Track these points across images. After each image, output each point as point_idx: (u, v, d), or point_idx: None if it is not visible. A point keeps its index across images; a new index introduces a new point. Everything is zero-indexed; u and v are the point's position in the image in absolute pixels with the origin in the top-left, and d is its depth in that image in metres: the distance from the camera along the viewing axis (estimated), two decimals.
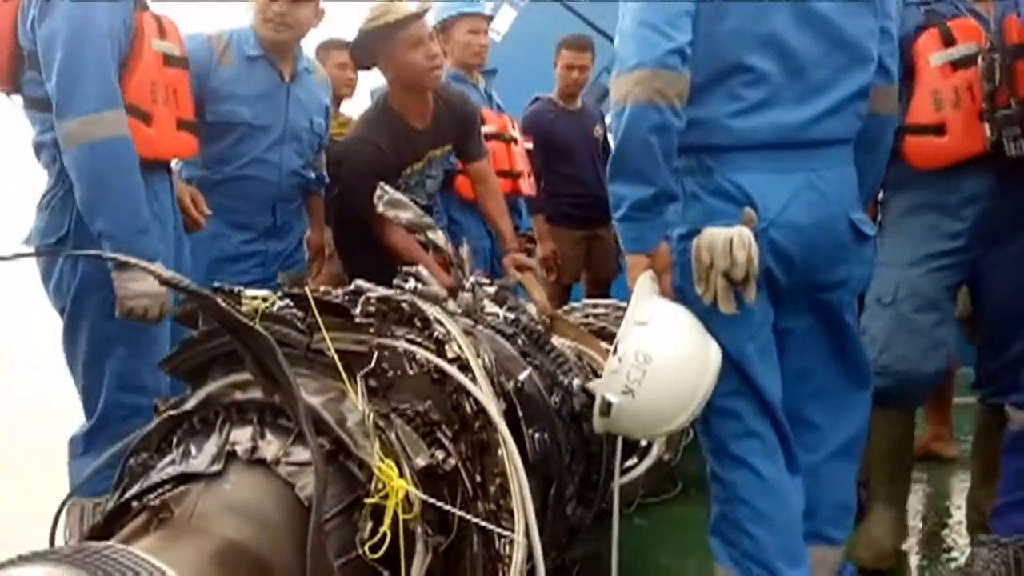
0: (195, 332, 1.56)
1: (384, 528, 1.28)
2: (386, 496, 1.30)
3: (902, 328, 2.29)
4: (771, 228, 1.67)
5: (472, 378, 1.63)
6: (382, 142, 2.80)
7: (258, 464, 1.34)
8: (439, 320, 1.77)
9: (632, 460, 2.63)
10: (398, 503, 1.30)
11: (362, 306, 1.72)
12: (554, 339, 2.37)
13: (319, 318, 1.52)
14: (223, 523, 1.26)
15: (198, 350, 1.55)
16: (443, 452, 1.50)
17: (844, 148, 1.78)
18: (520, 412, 1.81)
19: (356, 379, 1.51)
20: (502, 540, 1.49)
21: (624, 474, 2.43)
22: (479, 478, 1.55)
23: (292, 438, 1.37)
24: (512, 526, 1.49)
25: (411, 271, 2.01)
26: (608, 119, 5.20)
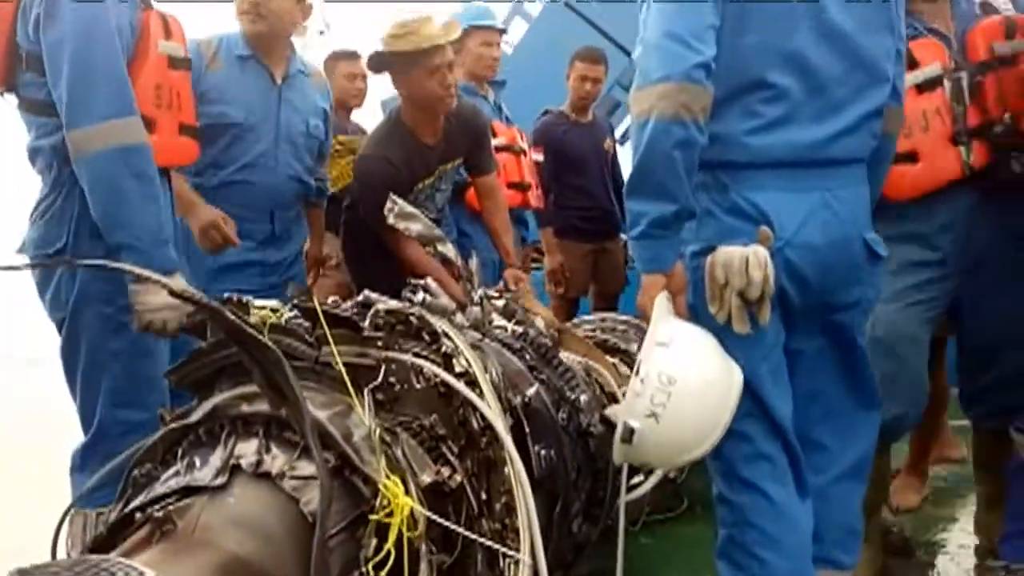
0: (203, 343, 1.55)
1: (388, 545, 1.27)
2: (391, 513, 1.29)
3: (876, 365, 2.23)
4: (787, 248, 1.65)
5: (479, 393, 1.62)
6: (395, 158, 2.81)
7: (263, 478, 1.33)
8: (447, 334, 1.76)
9: (638, 477, 2.61)
10: (403, 520, 1.28)
11: (371, 319, 1.71)
12: (562, 353, 2.36)
13: (327, 331, 1.52)
14: (226, 537, 1.25)
15: (205, 361, 1.54)
16: (449, 468, 1.49)
17: (859, 167, 1.76)
18: (527, 428, 1.80)
19: (363, 393, 1.50)
20: (507, 560, 1.47)
21: (630, 491, 2.41)
22: (485, 495, 1.54)
23: (298, 452, 1.36)
24: (517, 545, 1.47)
25: (420, 283, 2.00)
26: (618, 132, 5.23)
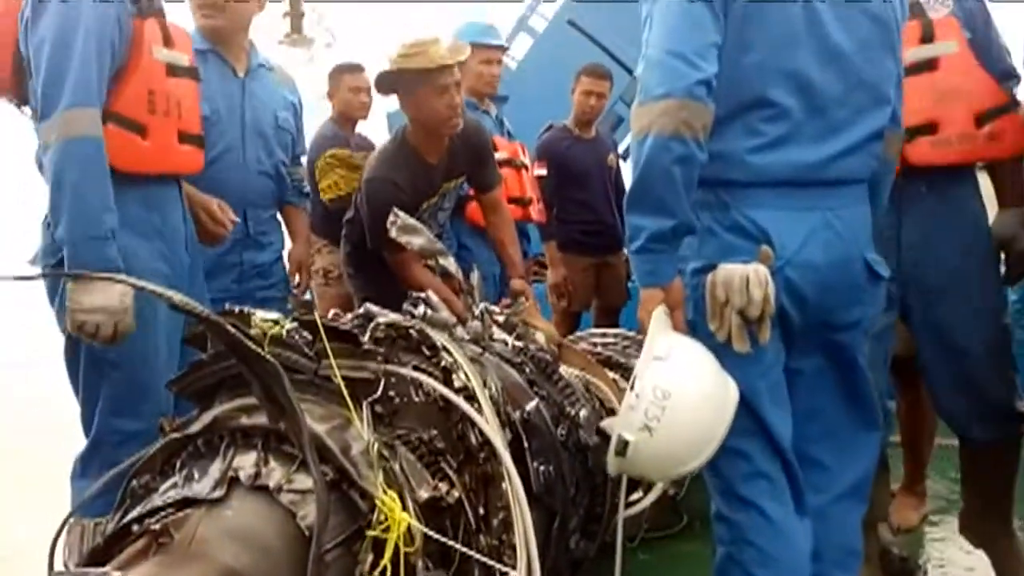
0: (204, 355, 1.56)
1: (385, 561, 1.27)
2: (388, 528, 1.28)
3: None
4: (787, 267, 1.65)
5: (478, 408, 1.62)
6: (401, 181, 2.83)
7: (260, 491, 1.33)
8: (447, 348, 1.76)
9: (637, 493, 2.60)
10: (400, 536, 1.28)
11: (371, 332, 1.72)
12: (562, 368, 2.36)
13: (327, 344, 1.52)
14: (223, 550, 1.25)
15: (206, 372, 1.55)
16: (447, 483, 1.49)
17: (860, 187, 1.76)
18: (526, 443, 1.80)
19: (362, 406, 1.51)
20: None
21: (629, 507, 2.40)
22: (482, 511, 1.54)
23: (296, 465, 1.36)
24: (514, 562, 1.47)
25: (421, 296, 2.01)
26: (621, 148, 5.25)
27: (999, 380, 2.21)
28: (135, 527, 1.32)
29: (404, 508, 1.34)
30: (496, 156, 3.40)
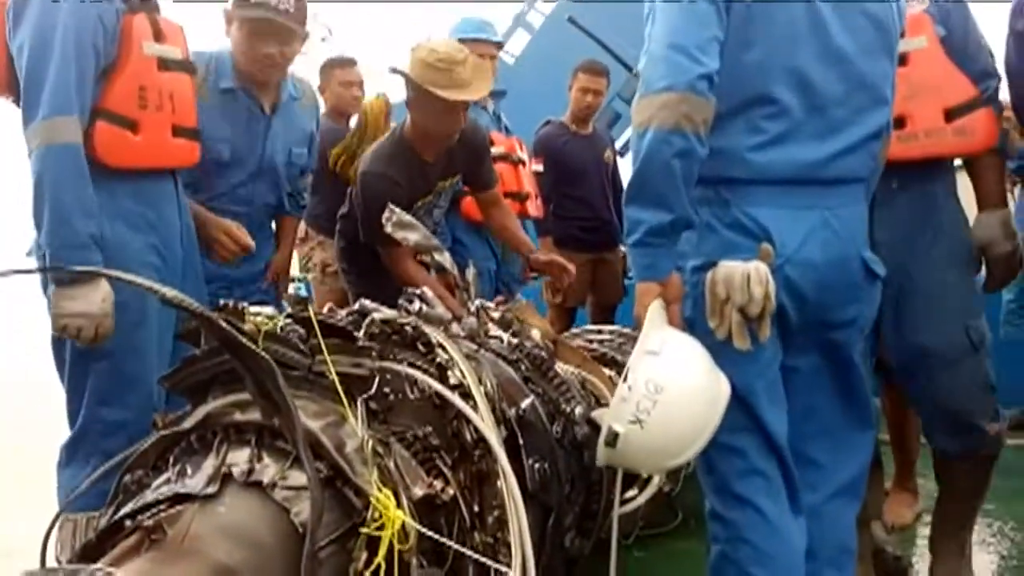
0: (197, 350, 1.55)
1: (379, 559, 1.26)
2: (382, 526, 1.28)
3: None
4: (787, 265, 1.65)
5: (473, 405, 1.61)
6: (397, 176, 2.83)
7: (254, 487, 1.32)
8: (442, 344, 1.75)
9: (632, 491, 2.60)
10: (394, 534, 1.28)
11: (366, 328, 1.71)
12: (557, 365, 2.35)
13: (321, 340, 1.51)
14: (216, 546, 1.24)
15: (199, 367, 1.54)
16: (442, 481, 1.49)
17: (858, 187, 1.77)
18: (521, 440, 1.79)
19: (357, 403, 1.50)
20: (498, 574, 1.46)
21: (624, 505, 2.40)
22: (477, 508, 1.53)
23: (290, 461, 1.35)
24: (509, 560, 1.47)
25: (416, 292, 2.00)
26: (618, 144, 5.25)
27: (966, 391, 2.14)
28: (128, 523, 1.31)
29: (399, 505, 1.33)
30: (493, 151, 3.39)
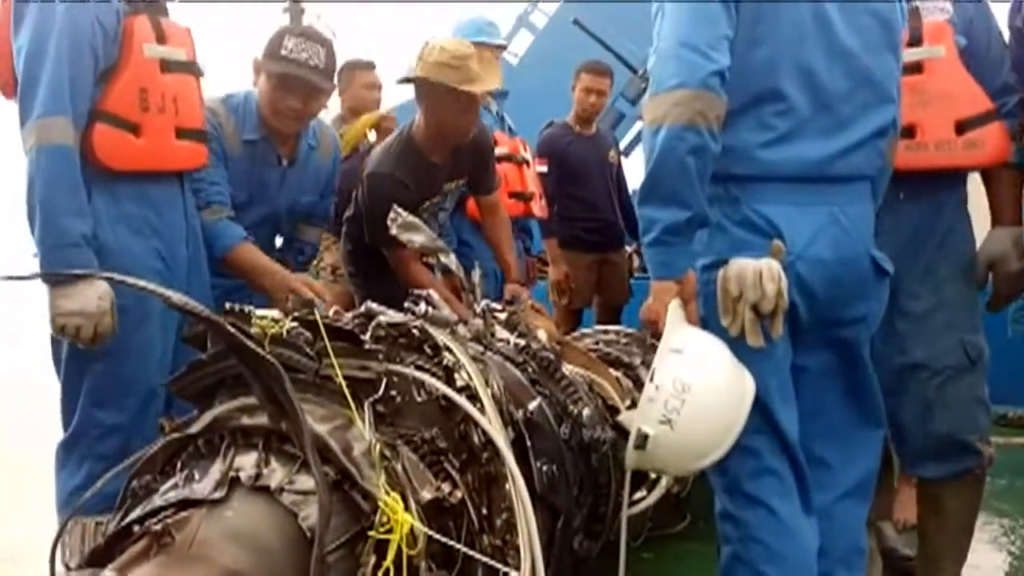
0: (203, 354, 1.55)
1: (387, 563, 1.26)
2: (390, 530, 1.27)
3: None
4: (798, 262, 1.65)
5: (480, 408, 1.61)
6: (405, 176, 2.82)
7: (262, 491, 1.32)
8: (448, 347, 1.75)
9: (641, 492, 2.59)
10: (402, 537, 1.27)
11: (372, 331, 1.71)
12: (564, 366, 2.34)
13: (328, 344, 1.51)
14: (223, 552, 1.24)
15: (206, 371, 1.53)
16: (450, 484, 1.48)
17: (865, 184, 1.76)
18: (529, 442, 1.78)
19: (364, 406, 1.49)
20: None
21: (632, 506, 2.39)
22: (485, 511, 1.52)
23: (297, 466, 1.35)
24: (518, 562, 1.46)
25: (422, 294, 1.99)
26: (622, 144, 5.24)
27: (961, 407, 2.10)
28: (136, 528, 1.31)
29: (407, 509, 1.33)
30: (497, 151, 3.39)
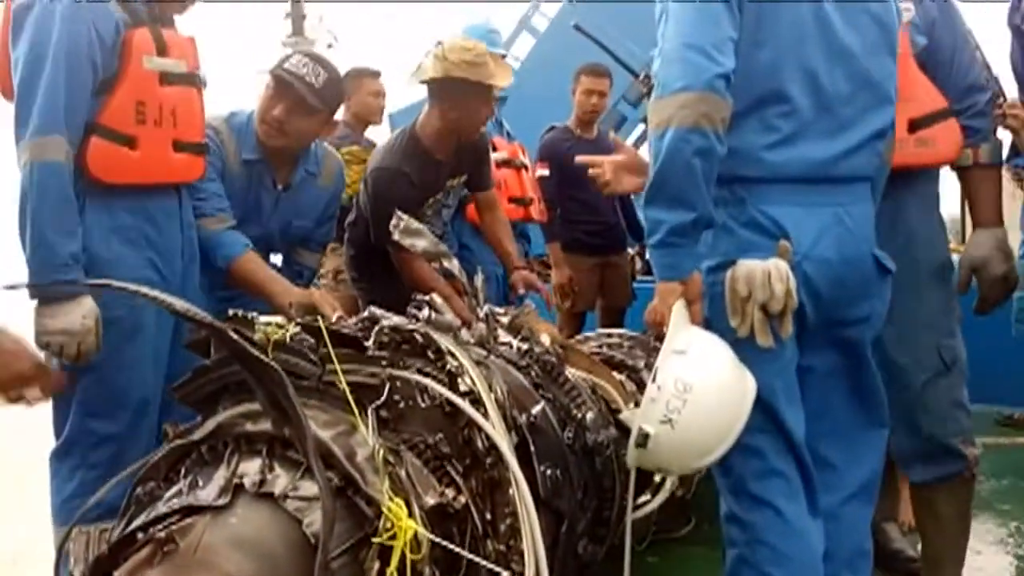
0: (205, 360, 1.55)
1: (391, 570, 1.26)
2: (394, 536, 1.27)
3: None
4: (804, 262, 1.65)
5: (484, 412, 1.61)
6: (411, 171, 2.84)
7: (265, 498, 1.32)
8: (452, 352, 1.75)
9: (645, 496, 2.58)
10: (406, 543, 1.27)
11: (375, 336, 1.71)
12: (567, 370, 2.34)
13: (331, 349, 1.51)
14: (228, 558, 1.23)
15: (209, 378, 1.53)
16: (453, 489, 1.48)
17: (866, 185, 1.77)
18: (532, 447, 1.78)
19: (367, 412, 1.49)
20: None
21: (637, 510, 2.39)
22: (489, 516, 1.52)
23: (301, 472, 1.35)
24: (522, 568, 1.46)
25: (425, 299, 1.99)
26: None
27: (939, 411, 2.09)
28: (140, 535, 1.31)
29: (410, 514, 1.33)
30: (495, 156, 3.41)
